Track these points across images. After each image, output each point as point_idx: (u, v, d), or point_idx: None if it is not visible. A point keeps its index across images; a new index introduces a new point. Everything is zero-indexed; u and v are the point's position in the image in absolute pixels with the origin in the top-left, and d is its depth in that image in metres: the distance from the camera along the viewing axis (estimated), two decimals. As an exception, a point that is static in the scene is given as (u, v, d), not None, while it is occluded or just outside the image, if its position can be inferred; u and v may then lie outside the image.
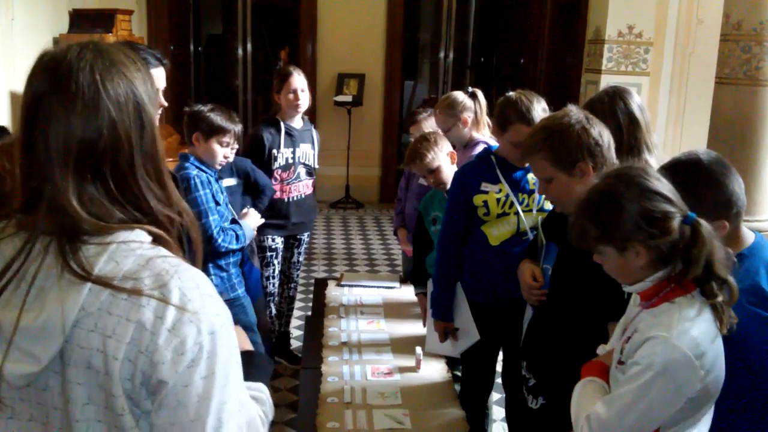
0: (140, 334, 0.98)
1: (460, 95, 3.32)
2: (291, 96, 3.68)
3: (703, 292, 1.49)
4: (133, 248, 1.03)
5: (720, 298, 1.47)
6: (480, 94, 3.36)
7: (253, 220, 3.11)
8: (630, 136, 2.31)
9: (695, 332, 1.43)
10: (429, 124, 3.68)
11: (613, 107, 2.32)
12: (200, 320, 1.00)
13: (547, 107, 2.56)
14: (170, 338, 0.98)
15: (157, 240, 1.07)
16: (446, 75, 8.62)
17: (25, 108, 1.04)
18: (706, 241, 1.46)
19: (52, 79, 1.02)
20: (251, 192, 3.47)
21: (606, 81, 6.38)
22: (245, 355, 1.23)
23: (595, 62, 6.50)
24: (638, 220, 1.48)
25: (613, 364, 1.59)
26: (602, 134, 2.02)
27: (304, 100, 3.72)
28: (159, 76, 2.16)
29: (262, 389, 1.23)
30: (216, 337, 1.02)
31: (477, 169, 2.67)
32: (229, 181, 3.32)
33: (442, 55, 8.64)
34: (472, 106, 3.30)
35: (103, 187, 1.03)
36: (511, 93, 2.60)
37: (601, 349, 1.74)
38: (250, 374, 1.20)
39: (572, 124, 2.00)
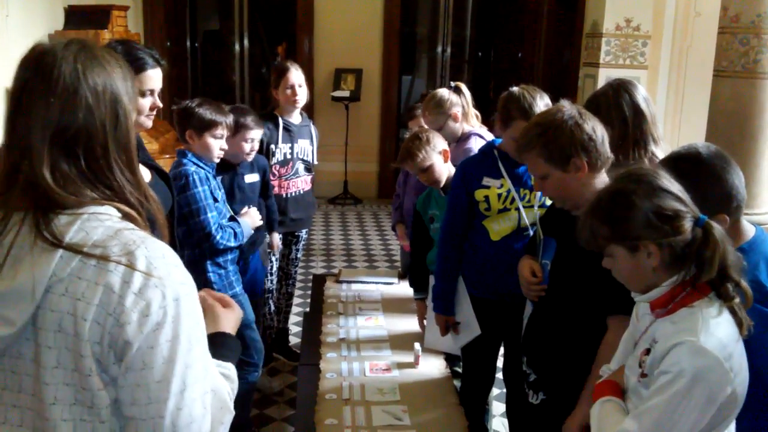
0: (108, 296, 1.05)
1: (445, 92, 3.34)
2: (289, 91, 3.66)
3: (719, 294, 1.45)
4: (102, 220, 1.10)
5: (737, 300, 1.44)
6: (464, 87, 3.39)
7: (252, 218, 3.10)
8: (636, 128, 2.32)
9: (720, 334, 1.40)
10: None
11: (618, 100, 2.33)
12: (165, 286, 1.08)
13: (550, 103, 2.54)
14: (136, 301, 1.05)
15: (125, 216, 1.14)
16: (444, 70, 8.59)
17: (11, 93, 1.14)
18: (719, 243, 1.43)
19: (38, 67, 1.11)
20: (263, 190, 3.48)
21: (604, 74, 6.36)
22: (219, 335, 1.32)
23: (592, 56, 6.48)
24: (650, 218, 1.45)
25: (632, 379, 1.53)
26: (596, 129, 2.00)
27: (302, 96, 3.70)
28: (156, 76, 2.15)
29: (230, 368, 1.29)
30: (180, 304, 1.09)
31: (479, 164, 2.66)
32: (252, 177, 3.35)
33: (439, 49, 8.61)
34: (459, 101, 3.32)
35: (76, 167, 1.11)
36: (514, 88, 2.58)
37: (605, 369, 1.71)
38: (222, 354, 1.27)
39: (565, 120, 1.99)
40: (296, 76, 3.67)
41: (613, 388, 1.59)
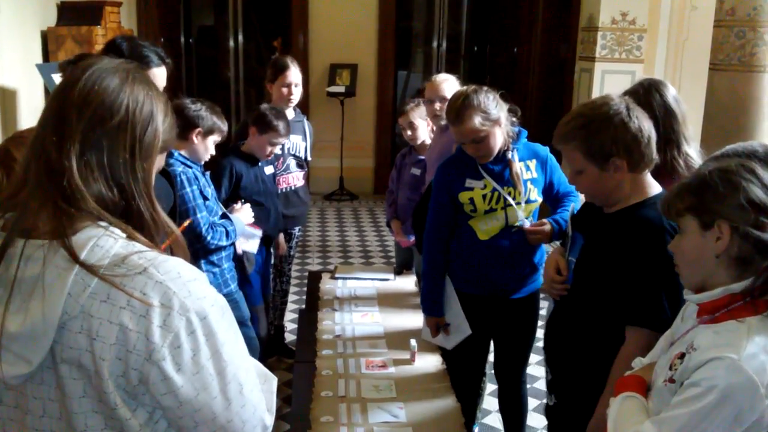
0: (125, 334, 1.03)
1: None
2: (285, 90, 3.64)
3: None
4: (107, 249, 1.06)
5: None
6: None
7: (244, 214, 3.08)
8: (667, 128, 2.29)
9: (764, 357, 1.32)
10: (417, 113, 3.65)
11: (648, 99, 2.30)
12: (188, 311, 1.05)
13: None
14: (164, 334, 1.03)
15: (130, 237, 1.11)
16: (440, 64, 8.56)
17: (59, 85, 1.15)
18: None
19: (90, 67, 1.13)
20: None
21: (600, 69, 6.35)
22: None
23: (588, 50, 6.47)
24: (740, 199, 1.37)
25: (659, 380, 1.48)
26: (642, 128, 1.85)
27: (297, 95, 3.68)
28: (160, 75, 2.14)
29: None
30: (209, 320, 1.07)
31: (459, 165, 2.62)
32: (269, 169, 3.48)
33: (435, 44, 8.58)
34: None
35: (97, 157, 1.09)
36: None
37: (638, 362, 1.65)
38: None
39: (611, 116, 1.84)
40: (295, 74, 3.65)
41: (637, 383, 1.54)
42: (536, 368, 3.77)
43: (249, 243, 3.21)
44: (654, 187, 1.94)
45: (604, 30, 6.28)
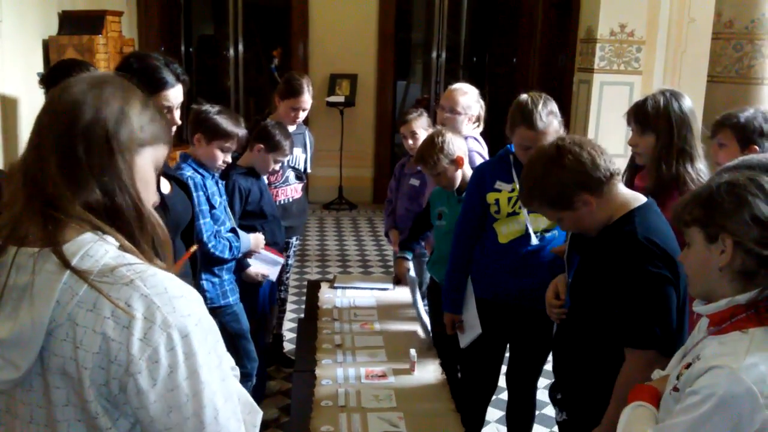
0: (107, 344, 1.03)
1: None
2: (293, 113, 3.66)
3: None
4: (97, 259, 1.07)
5: None
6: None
7: (257, 240, 3.10)
8: (682, 139, 2.31)
9: (765, 368, 1.31)
10: (420, 123, 3.67)
11: (666, 109, 2.33)
12: (170, 326, 1.05)
13: (555, 109, 2.54)
14: (143, 347, 1.03)
15: (122, 246, 1.11)
16: (439, 75, 8.59)
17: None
18: None
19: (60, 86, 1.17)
20: None
21: (598, 80, 6.39)
22: None
23: (587, 61, 6.50)
24: (744, 215, 1.38)
25: (667, 390, 1.50)
26: (579, 157, 1.89)
27: (303, 117, 3.72)
28: (175, 94, 2.13)
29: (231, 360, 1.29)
30: (191, 338, 1.06)
31: (494, 167, 2.70)
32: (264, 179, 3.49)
33: (434, 54, 8.62)
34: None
35: (75, 160, 1.09)
36: (523, 95, 2.58)
37: (656, 374, 1.66)
38: None
39: (547, 168, 1.92)
40: (307, 101, 3.68)
41: (650, 393, 1.55)
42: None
43: (271, 270, 3.28)
44: (633, 200, 1.96)
45: (603, 42, 6.33)
